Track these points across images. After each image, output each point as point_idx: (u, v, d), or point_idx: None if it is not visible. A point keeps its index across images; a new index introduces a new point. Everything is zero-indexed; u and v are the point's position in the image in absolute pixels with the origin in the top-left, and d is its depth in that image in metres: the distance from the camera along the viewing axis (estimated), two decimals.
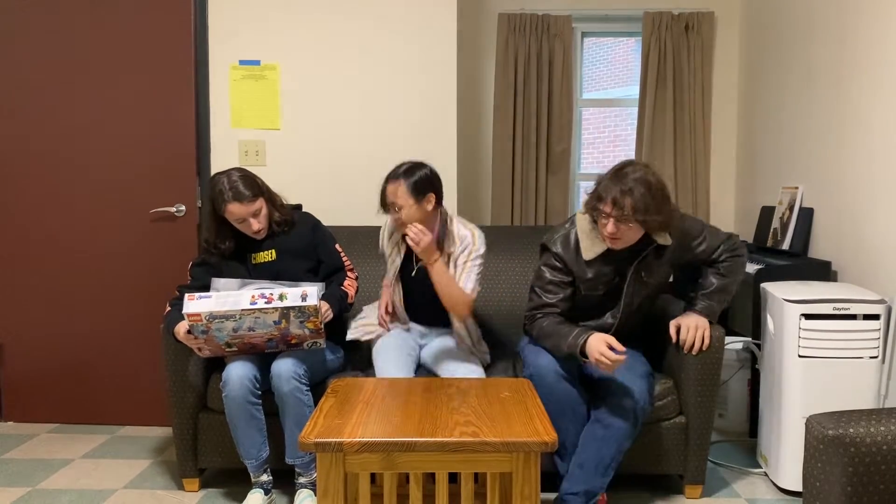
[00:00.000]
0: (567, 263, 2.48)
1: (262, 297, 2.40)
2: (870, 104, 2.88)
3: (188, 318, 2.39)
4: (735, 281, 2.57)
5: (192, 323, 2.40)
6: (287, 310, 2.40)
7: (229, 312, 2.38)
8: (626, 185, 2.28)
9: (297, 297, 2.40)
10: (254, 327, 2.43)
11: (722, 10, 4.27)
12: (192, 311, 2.38)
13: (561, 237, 2.50)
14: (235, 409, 2.50)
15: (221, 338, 2.46)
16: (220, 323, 2.40)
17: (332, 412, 2.07)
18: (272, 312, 2.40)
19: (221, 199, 2.57)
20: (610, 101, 4.69)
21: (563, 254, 2.48)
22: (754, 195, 4.03)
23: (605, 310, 2.57)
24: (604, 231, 2.37)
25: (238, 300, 2.39)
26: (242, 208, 2.58)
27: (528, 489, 1.89)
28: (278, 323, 2.43)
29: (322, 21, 3.49)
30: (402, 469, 1.90)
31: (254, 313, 2.39)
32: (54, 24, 3.38)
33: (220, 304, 2.38)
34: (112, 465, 3.03)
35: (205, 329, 2.42)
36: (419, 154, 3.52)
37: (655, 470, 2.67)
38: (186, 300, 2.39)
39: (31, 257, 3.46)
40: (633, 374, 2.43)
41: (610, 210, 2.31)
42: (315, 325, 2.47)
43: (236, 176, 2.60)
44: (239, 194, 2.56)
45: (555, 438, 1.86)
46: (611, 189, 2.30)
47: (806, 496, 1.67)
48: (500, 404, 2.12)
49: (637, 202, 2.27)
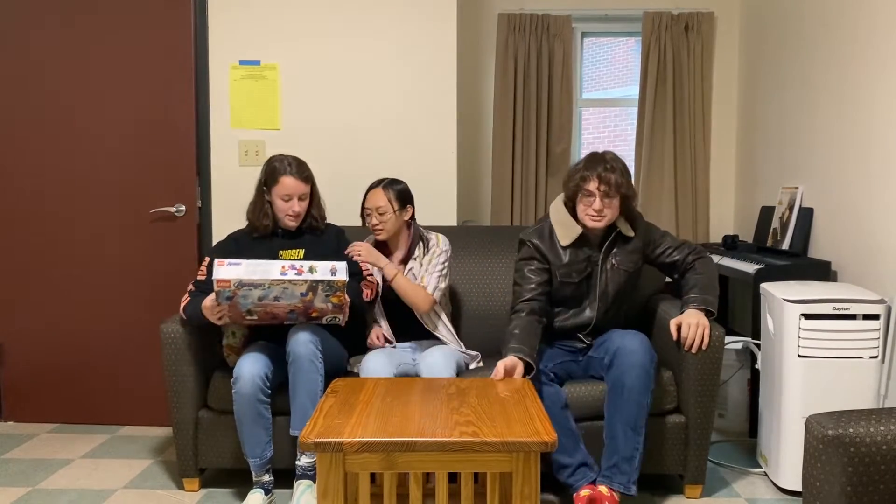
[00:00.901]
0: (542, 251, 2.66)
1: (293, 268, 2.42)
2: (870, 104, 2.88)
3: (217, 283, 2.40)
4: (712, 275, 2.69)
5: (220, 289, 2.41)
6: (316, 283, 2.42)
7: (258, 281, 2.39)
8: (606, 164, 2.56)
9: (326, 271, 2.43)
10: (280, 297, 2.44)
11: (722, 10, 4.27)
12: (223, 276, 2.39)
13: (536, 230, 2.71)
14: (244, 406, 2.51)
15: (245, 305, 2.46)
16: (248, 291, 2.41)
17: (332, 412, 2.07)
18: (301, 284, 2.42)
19: (279, 170, 2.75)
20: (610, 101, 4.69)
21: (538, 243, 2.67)
22: (754, 195, 4.03)
23: (583, 300, 2.69)
24: (589, 211, 2.57)
25: (268, 270, 2.41)
26: (296, 184, 2.74)
27: (528, 489, 1.89)
28: (305, 295, 2.45)
29: (322, 21, 3.49)
30: (401, 469, 1.89)
31: (282, 284, 2.41)
32: (53, 24, 3.38)
33: (251, 273, 2.40)
34: (112, 465, 3.03)
35: (230, 295, 2.43)
36: (419, 154, 3.52)
37: (655, 470, 2.67)
38: (216, 266, 2.42)
39: (31, 257, 3.46)
40: (630, 335, 2.54)
41: (596, 186, 2.54)
42: (339, 299, 2.48)
43: (294, 157, 2.81)
44: (294, 170, 2.76)
45: (555, 438, 1.86)
46: (594, 168, 2.55)
47: (806, 496, 1.67)
48: (501, 404, 2.12)
49: (619, 177, 2.55)
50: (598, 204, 2.55)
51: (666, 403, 2.64)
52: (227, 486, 2.81)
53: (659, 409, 2.64)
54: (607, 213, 2.57)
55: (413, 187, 3.52)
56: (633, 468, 2.47)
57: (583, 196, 2.58)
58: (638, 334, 2.55)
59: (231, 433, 2.70)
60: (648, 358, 2.48)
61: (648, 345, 2.52)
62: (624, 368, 2.47)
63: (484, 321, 3.17)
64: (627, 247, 2.69)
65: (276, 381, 2.63)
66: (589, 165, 2.57)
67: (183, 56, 3.35)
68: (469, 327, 3.18)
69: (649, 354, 2.49)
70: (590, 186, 2.55)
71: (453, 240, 3.29)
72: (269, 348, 2.67)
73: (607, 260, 2.67)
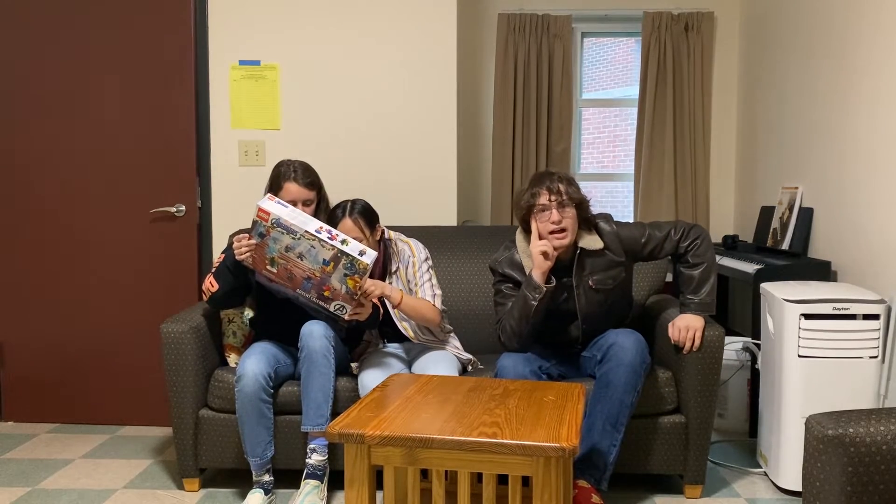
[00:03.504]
0: (514, 279, 2.65)
1: (328, 231, 2.45)
2: (870, 104, 2.88)
3: (258, 212, 2.42)
4: (709, 264, 2.62)
5: (258, 220, 2.43)
6: (342, 254, 2.43)
7: (294, 227, 2.41)
8: (551, 176, 2.56)
9: (356, 249, 2.44)
10: (304, 255, 2.45)
11: (722, 10, 4.27)
12: (265, 207, 2.42)
13: (506, 259, 2.67)
14: (247, 405, 2.51)
15: (272, 250, 2.47)
16: (280, 234, 2.43)
17: (370, 405, 2.09)
18: (329, 249, 2.43)
19: (283, 177, 2.74)
20: (610, 101, 4.69)
21: (511, 273, 2.65)
22: (754, 195, 4.03)
23: (567, 322, 2.67)
24: (549, 226, 2.51)
25: (306, 222, 2.44)
26: (298, 190, 2.73)
27: (549, 495, 1.85)
28: (327, 264, 2.45)
29: (322, 21, 3.49)
30: (423, 465, 1.90)
31: (314, 240, 2.42)
32: (53, 24, 3.38)
33: (291, 216, 2.43)
34: (112, 465, 3.03)
35: (263, 232, 2.44)
36: (419, 154, 3.52)
37: (655, 470, 2.67)
38: (266, 197, 2.47)
39: (31, 257, 3.46)
40: (625, 334, 2.53)
41: (548, 199, 2.52)
42: (355, 283, 2.48)
43: (300, 163, 2.80)
44: (300, 176, 2.74)
45: (575, 445, 1.81)
46: (542, 183, 2.54)
47: (806, 496, 1.67)
48: (538, 407, 2.08)
49: (567, 184, 2.54)
50: (556, 215, 2.49)
51: (666, 403, 2.65)
52: (227, 486, 2.81)
53: (659, 409, 2.64)
54: (567, 223, 2.51)
55: (413, 187, 3.54)
56: (607, 464, 2.46)
57: (538, 212, 2.53)
58: (634, 333, 2.53)
59: (231, 433, 2.71)
60: (640, 359, 2.47)
61: (643, 345, 2.51)
62: (612, 365, 2.47)
63: (484, 321, 3.17)
64: (601, 262, 2.62)
65: (279, 381, 2.63)
66: (536, 182, 2.56)
67: (183, 56, 3.35)
68: (469, 327, 3.18)
69: (641, 355, 2.48)
70: (542, 200, 2.52)
71: (453, 240, 3.29)
72: (271, 348, 2.67)
73: (581, 281, 2.61)
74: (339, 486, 2.76)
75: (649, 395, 2.62)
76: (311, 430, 2.54)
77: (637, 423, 2.63)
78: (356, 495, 1.95)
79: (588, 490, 2.42)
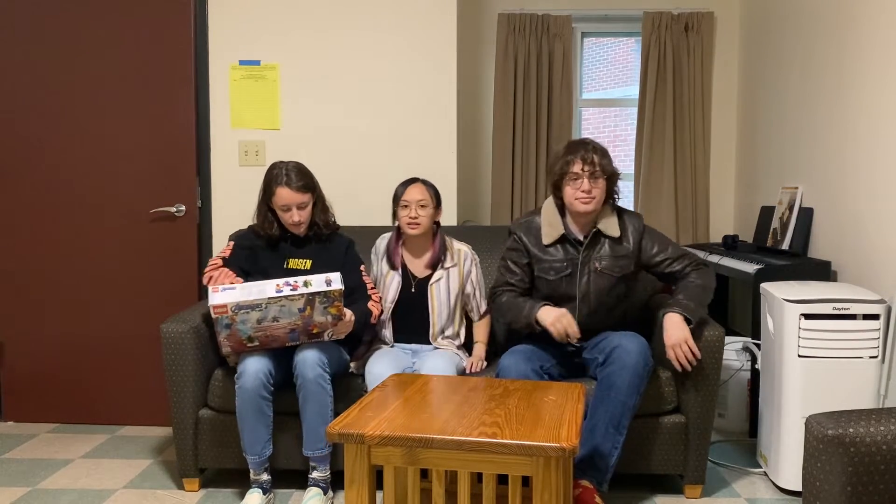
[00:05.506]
0: (526, 245, 2.72)
1: (287, 284, 2.42)
2: (870, 104, 2.88)
3: (213, 310, 2.40)
4: (708, 286, 2.66)
5: (217, 316, 2.40)
6: (312, 296, 2.42)
7: (255, 302, 2.39)
8: (585, 146, 2.62)
9: (321, 283, 2.43)
10: (279, 317, 2.45)
11: (722, 10, 4.27)
12: (218, 302, 2.39)
13: (525, 223, 2.77)
14: (247, 402, 2.52)
15: (245, 331, 2.46)
16: (246, 314, 2.41)
17: (371, 405, 2.09)
18: (298, 299, 2.42)
19: (275, 181, 2.72)
20: (610, 101, 4.69)
21: (523, 237, 2.73)
22: (754, 195, 4.03)
23: (564, 301, 2.69)
24: (578, 193, 2.59)
25: (263, 289, 2.41)
26: (291, 195, 2.71)
27: (548, 495, 1.85)
28: (303, 310, 2.45)
29: (322, 21, 3.49)
30: (423, 465, 1.91)
31: (279, 301, 2.41)
32: (52, 24, 3.38)
33: (246, 295, 2.40)
34: (112, 465, 3.03)
35: (229, 322, 2.42)
36: (419, 154, 3.52)
37: (655, 470, 2.67)
38: (211, 292, 2.42)
39: (31, 257, 3.46)
40: (629, 337, 2.53)
41: (581, 168, 2.58)
42: (338, 309, 2.48)
43: (293, 165, 2.77)
44: (291, 181, 2.71)
45: (575, 446, 1.81)
46: (577, 151, 2.61)
47: (806, 496, 1.67)
48: (538, 407, 2.08)
49: (601, 156, 2.61)
50: (587, 184, 2.57)
51: (666, 403, 2.64)
52: (227, 486, 2.81)
53: (659, 409, 2.64)
54: (595, 193, 2.60)
55: None
56: (609, 466, 2.46)
57: (569, 179, 2.61)
58: (637, 337, 2.54)
59: (231, 433, 2.71)
60: (643, 362, 2.48)
61: (646, 349, 2.51)
62: (616, 367, 2.47)
63: None
64: (615, 251, 2.67)
65: (279, 380, 2.63)
66: (572, 149, 2.63)
67: (183, 56, 3.35)
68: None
69: (644, 358, 2.48)
70: (575, 168, 2.59)
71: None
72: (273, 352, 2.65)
73: (589, 261, 2.67)
74: (339, 486, 2.76)
75: (650, 394, 2.62)
76: (312, 454, 2.58)
77: (637, 422, 2.63)
78: (356, 495, 1.95)
79: (591, 490, 2.42)
